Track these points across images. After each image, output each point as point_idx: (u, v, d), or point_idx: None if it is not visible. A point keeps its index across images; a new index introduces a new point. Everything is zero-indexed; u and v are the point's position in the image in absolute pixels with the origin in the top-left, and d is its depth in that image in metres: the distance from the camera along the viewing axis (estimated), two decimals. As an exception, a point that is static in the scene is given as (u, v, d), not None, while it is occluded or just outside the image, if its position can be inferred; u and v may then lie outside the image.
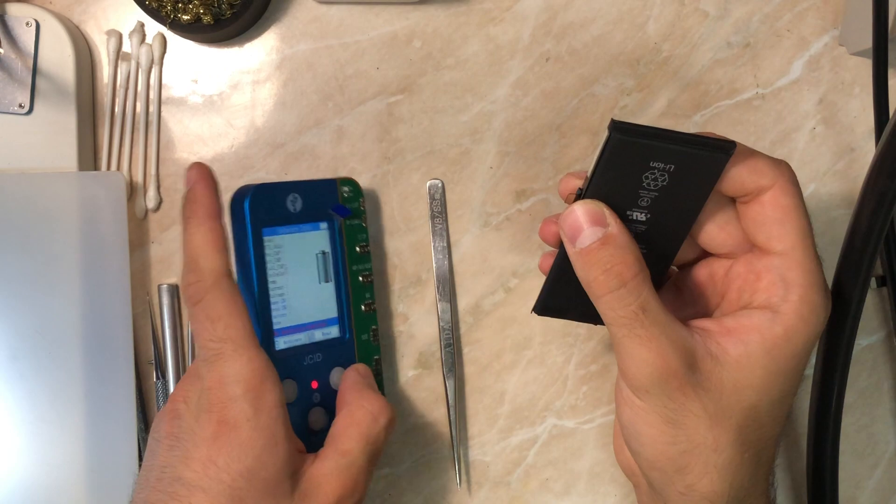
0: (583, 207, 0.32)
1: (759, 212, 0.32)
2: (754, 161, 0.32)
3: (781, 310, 0.32)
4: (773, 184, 0.32)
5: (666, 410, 0.32)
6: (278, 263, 0.43)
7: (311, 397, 0.43)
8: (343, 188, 0.46)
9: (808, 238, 0.32)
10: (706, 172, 0.31)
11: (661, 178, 0.31)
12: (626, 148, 0.30)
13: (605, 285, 0.31)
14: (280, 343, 0.43)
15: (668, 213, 0.32)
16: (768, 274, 0.32)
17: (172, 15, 0.46)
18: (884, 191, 0.34)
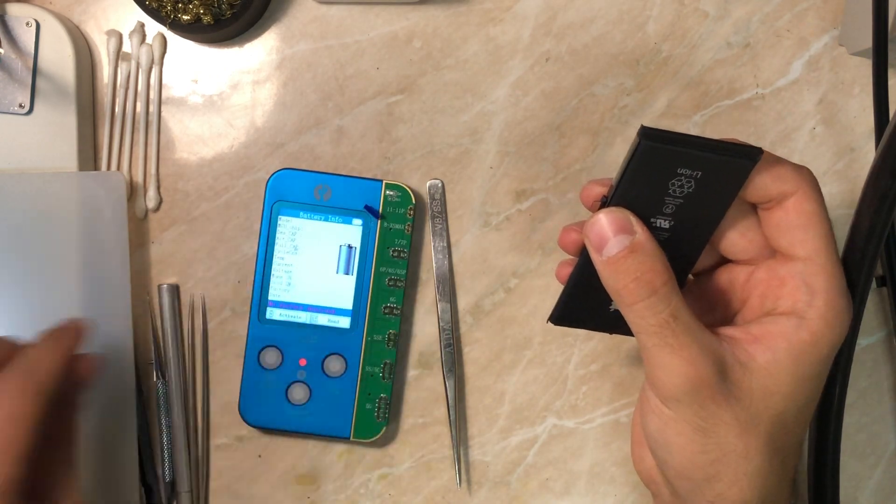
0: (609, 216, 0.32)
1: (782, 218, 0.32)
2: (778, 168, 0.32)
3: (807, 315, 0.32)
4: (797, 190, 0.32)
5: (697, 419, 0.31)
6: (291, 243, 0.47)
7: (296, 372, 0.47)
8: (388, 192, 0.47)
9: (831, 243, 0.32)
10: (731, 179, 0.31)
11: (688, 185, 0.31)
12: (655, 155, 0.30)
13: (635, 294, 0.31)
14: (273, 313, 0.47)
15: (692, 220, 0.32)
16: (792, 280, 0.32)
17: (172, 15, 0.46)
18: (884, 191, 0.34)
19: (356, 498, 0.50)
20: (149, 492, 0.48)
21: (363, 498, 0.50)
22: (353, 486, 0.50)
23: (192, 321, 0.49)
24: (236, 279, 0.49)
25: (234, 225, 0.49)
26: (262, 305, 0.47)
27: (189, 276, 0.50)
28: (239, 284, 0.49)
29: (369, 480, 0.50)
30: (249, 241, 0.49)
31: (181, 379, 0.49)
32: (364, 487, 0.50)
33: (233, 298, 0.49)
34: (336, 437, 0.48)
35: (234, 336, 0.49)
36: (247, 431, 0.49)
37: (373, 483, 0.50)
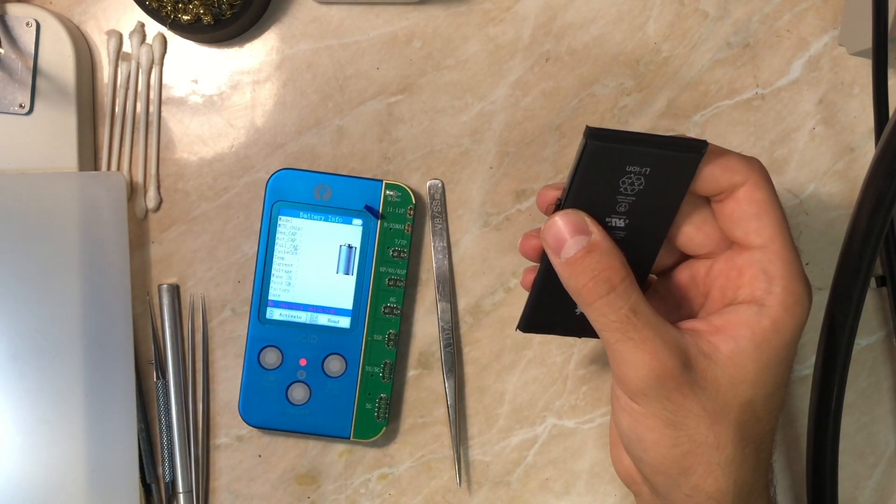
0: (564, 218, 0.32)
1: (734, 208, 0.32)
2: (726, 159, 0.32)
3: (767, 302, 0.32)
4: (746, 180, 0.32)
5: (665, 412, 0.32)
6: (291, 243, 0.47)
7: (296, 372, 0.47)
8: (388, 192, 0.47)
9: (785, 230, 0.32)
10: (681, 173, 0.32)
11: (638, 182, 0.31)
12: (603, 154, 0.31)
13: (594, 292, 0.32)
14: (273, 313, 0.47)
15: (646, 218, 0.33)
16: (750, 268, 0.32)
17: (172, 15, 0.46)
18: (883, 191, 0.35)
19: (356, 498, 0.50)
20: (148, 492, 0.48)
21: (363, 498, 0.50)
22: (353, 486, 0.50)
23: (192, 321, 0.49)
24: (236, 279, 0.49)
25: (234, 225, 0.50)
26: (262, 305, 0.47)
27: (189, 276, 0.50)
28: (239, 284, 0.49)
29: (369, 480, 0.50)
30: (249, 241, 0.49)
31: (181, 379, 0.49)
32: (364, 487, 0.50)
33: (233, 298, 0.49)
34: (336, 437, 0.48)
35: (234, 336, 0.49)
36: (247, 431, 0.49)
37: (373, 483, 0.50)
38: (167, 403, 0.48)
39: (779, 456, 0.50)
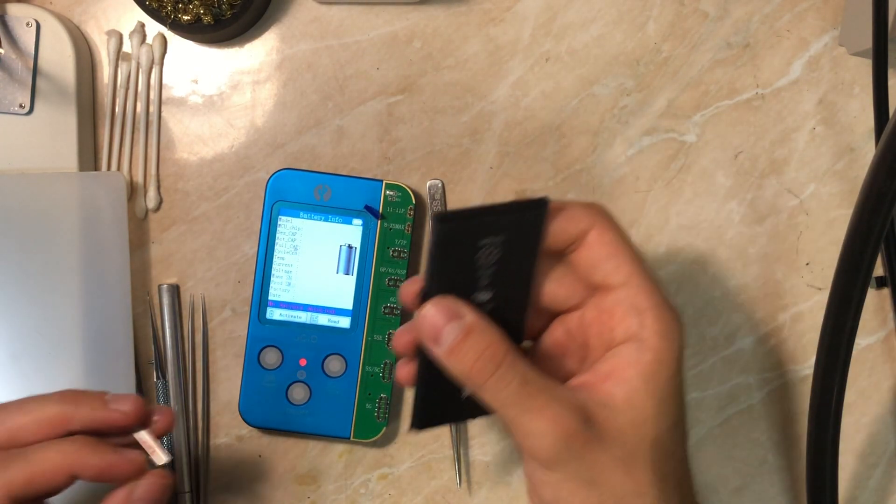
0: (435, 307, 0.32)
1: (588, 254, 0.33)
2: (569, 209, 0.33)
3: (643, 336, 0.32)
4: (592, 224, 0.33)
5: (582, 473, 0.31)
6: (291, 244, 0.47)
7: (296, 372, 0.47)
8: (388, 192, 0.47)
9: (641, 263, 0.33)
10: (531, 234, 0.32)
11: (495, 253, 0.31)
12: (455, 234, 0.30)
13: (482, 373, 0.31)
14: (273, 313, 0.48)
15: (509, 285, 0.33)
16: (618, 308, 0.32)
17: (172, 15, 0.46)
18: (883, 191, 0.35)
19: (356, 498, 0.50)
20: (149, 492, 0.48)
21: (363, 498, 0.50)
22: (353, 486, 0.50)
23: (192, 321, 0.49)
24: (236, 279, 0.49)
25: (234, 225, 0.50)
26: (263, 305, 0.47)
27: (189, 276, 0.50)
28: (239, 284, 0.49)
29: (369, 480, 0.50)
30: (249, 241, 0.49)
31: (181, 379, 0.49)
32: (364, 487, 0.50)
33: (233, 298, 0.49)
34: (336, 437, 0.48)
35: (234, 336, 0.49)
36: (247, 431, 0.49)
37: (373, 483, 0.50)
38: (167, 403, 0.48)
39: (779, 456, 0.50)
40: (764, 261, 0.50)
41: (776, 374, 0.50)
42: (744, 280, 0.50)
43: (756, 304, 0.50)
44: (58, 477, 0.31)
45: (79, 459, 0.31)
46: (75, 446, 0.32)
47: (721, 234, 0.50)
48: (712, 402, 0.50)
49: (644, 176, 0.50)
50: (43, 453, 0.31)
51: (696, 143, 0.50)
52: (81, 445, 0.32)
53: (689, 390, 0.50)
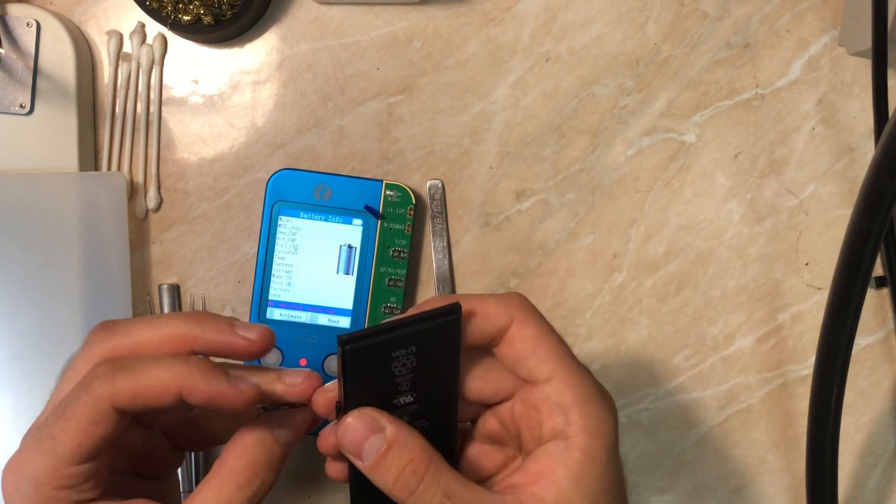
0: (354, 422, 0.31)
1: (509, 351, 0.32)
2: (484, 307, 0.32)
3: (570, 434, 0.31)
4: (510, 320, 0.32)
5: None
6: (292, 243, 0.47)
7: None
8: (388, 192, 0.47)
9: (565, 355, 0.32)
10: (446, 338, 0.31)
11: (410, 361, 0.31)
12: (362, 353, 0.30)
13: (405, 488, 0.31)
14: (273, 313, 0.48)
15: (432, 386, 0.32)
16: (544, 404, 0.32)
17: (173, 15, 0.46)
18: (883, 191, 0.35)
19: (356, 497, 0.50)
20: (149, 491, 0.48)
21: (363, 497, 0.50)
22: (353, 485, 0.50)
23: (192, 321, 0.49)
24: (236, 279, 0.50)
25: (234, 225, 0.50)
26: (263, 305, 0.47)
27: (189, 276, 0.50)
28: (239, 284, 0.49)
29: (369, 480, 0.50)
30: (250, 241, 0.49)
31: (181, 379, 0.49)
32: (364, 487, 0.50)
33: (233, 298, 0.50)
34: (336, 436, 0.48)
35: (235, 336, 0.49)
36: (247, 431, 0.49)
37: (373, 483, 0.50)
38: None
39: (778, 456, 0.50)
40: (763, 261, 0.50)
41: (775, 374, 0.50)
42: (743, 280, 0.50)
43: (756, 304, 0.50)
44: (164, 395, 0.30)
45: (188, 381, 0.30)
46: (188, 368, 0.30)
47: (721, 234, 0.50)
48: (712, 402, 0.50)
49: (644, 176, 0.50)
50: (153, 369, 0.30)
51: (695, 143, 0.50)
52: (194, 368, 0.30)
53: (690, 390, 0.50)
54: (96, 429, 0.29)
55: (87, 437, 0.29)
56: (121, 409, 0.29)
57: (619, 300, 0.50)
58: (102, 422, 0.29)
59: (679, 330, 0.50)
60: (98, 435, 0.29)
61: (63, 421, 0.29)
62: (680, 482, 0.50)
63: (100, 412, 0.29)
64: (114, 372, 0.30)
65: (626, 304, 0.50)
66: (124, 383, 0.29)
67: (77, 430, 0.29)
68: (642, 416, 0.50)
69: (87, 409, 0.29)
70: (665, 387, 0.50)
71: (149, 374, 0.30)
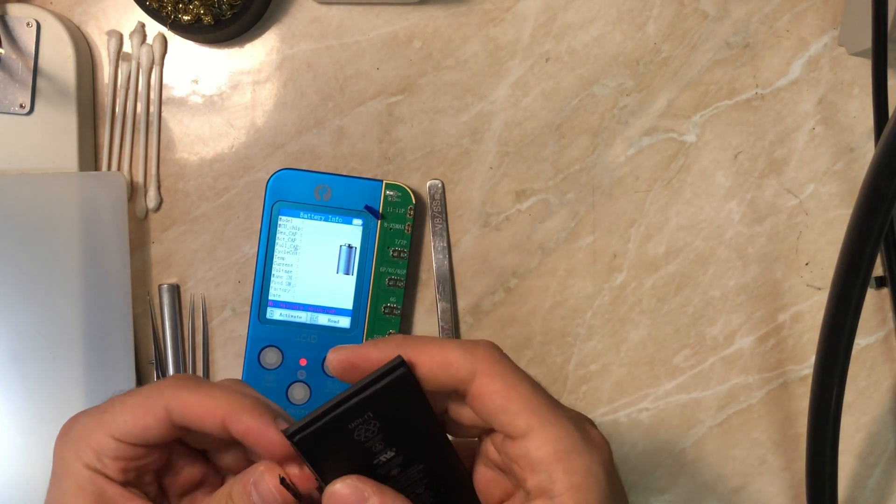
0: (336, 494, 0.29)
1: (479, 406, 0.29)
2: (442, 356, 0.29)
3: (555, 491, 0.28)
4: (473, 373, 0.29)
5: None
6: (292, 243, 0.47)
7: (296, 372, 0.48)
8: (388, 192, 0.47)
9: (539, 407, 0.29)
10: (403, 391, 0.29)
11: (372, 426, 0.29)
12: (315, 439, 0.28)
13: None
14: (273, 313, 0.48)
15: (411, 434, 0.30)
16: (524, 461, 0.29)
17: (173, 15, 0.46)
18: (883, 191, 0.35)
19: (356, 497, 0.50)
20: (149, 491, 0.48)
21: (363, 497, 0.50)
22: (353, 485, 0.50)
23: (192, 321, 0.49)
24: (236, 279, 0.50)
25: (234, 225, 0.50)
26: (263, 305, 0.47)
27: (189, 276, 0.50)
28: (239, 284, 0.49)
29: (369, 480, 0.50)
30: (250, 241, 0.49)
31: (181, 379, 0.49)
32: (364, 487, 0.50)
33: (233, 298, 0.50)
34: (336, 436, 0.48)
35: (235, 336, 0.49)
36: (247, 431, 0.49)
37: (373, 483, 0.50)
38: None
39: (778, 455, 0.50)
40: (763, 260, 0.50)
41: (775, 374, 0.50)
42: (743, 280, 0.50)
43: (756, 304, 0.50)
44: (206, 418, 0.29)
45: (234, 411, 0.29)
46: (241, 399, 0.30)
47: (721, 234, 0.50)
48: (712, 401, 0.50)
49: (644, 176, 0.50)
50: (211, 389, 0.30)
51: (695, 143, 0.50)
52: (248, 401, 0.30)
53: (690, 390, 0.50)
54: (144, 416, 0.30)
55: (134, 419, 0.30)
56: (172, 416, 0.30)
57: (619, 300, 0.50)
58: (151, 416, 0.30)
59: (679, 330, 0.50)
60: (143, 424, 0.30)
61: (124, 397, 0.30)
62: (680, 482, 0.50)
63: (153, 408, 0.30)
64: (180, 381, 0.30)
65: (626, 304, 0.50)
66: (184, 395, 0.30)
67: (127, 409, 0.30)
68: (642, 416, 0.50)
69: (144, 398, 0.30)
70: (665, 387, 0.50)
71: (204, 393, 0.30)
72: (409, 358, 0.28)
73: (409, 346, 0.29)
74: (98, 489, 0.30)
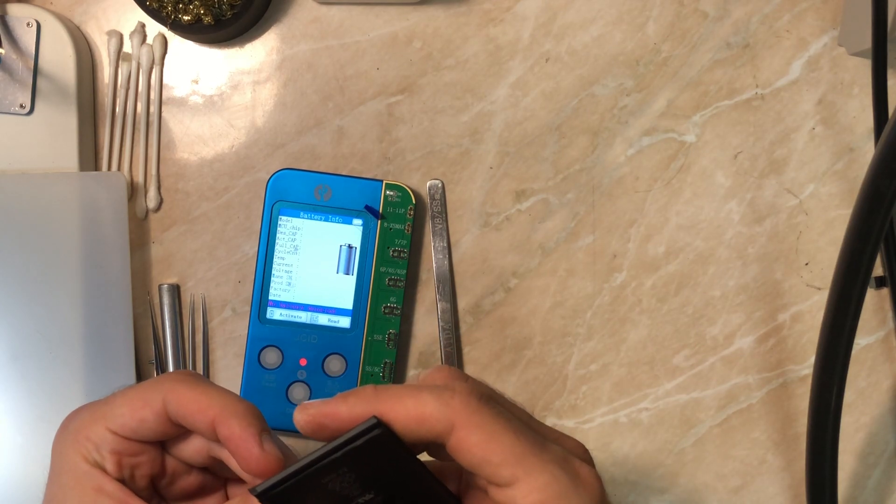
0: None
1: (460, 458, 0.27)
2: (418, 410, 0.27)
3: None
4: (451, 425, 0.27)
5: None
6: (292, 243, 0.47)
7: (296, 372, 0.47)
8: (388, 192, 0.47)
9: (525, 454, 0.27)
10: (381, 448, 0.27)
11: (348, 477, 0.28)
12: (287, 494, 0.28)
13: None
14: (274, 313, 0.48)
15: (391, 478, 0.29)
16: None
17: (173, 15, 0.46)
18: (883, 191, 0.35)
19: (356, 497, 0.50)
20: (149, 491, 0.48)
21: (363, 497, 0.50)
22: (354, 485, 0.50)
23: (192, 321, 0.49)
24: (237, 279, 0.50)
25: (234, 225, 0.50)
26: (263, 305, 0.47)
27: (189, 276, 0.50)
28: (239, 284, 0.49)
29: (369, 480, 0.50)
30: (250, 241, 0.49)
31: (181, 379, 0.49)
32: (364, 487, 0.50)
33: (233, 298, 0.50)
34: (336, 436, 0.48)
35: (235, 336, 0.49)
36: (247, 431, 0.49)
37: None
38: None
39: (778, 455, 0.50)
40: (763, 260, 0.50)
41: (775, 374, 0.50)
42: (743, 280, 0.50)
43: (755, 304, 0.50)
44: (198, 416, 0.29)
45: (223, 412, 0.29)
46: (235, 403, 0.29)
47: (720, 234, 0.50)
48: (712, 401, 0.50)
49: (644, 176, 0.50)
50: (208, 388, 0.29)
51: (695, 143, 0.50)
52: (242, 406, 0.29)
53: (690, 390, 0.50)
54: (142, 409, 0.29)
55: (132, 411, 0.29)
56: (168, 409, 0.29)
57: (619, 300, 0.50)
58: (149, 408, 0.29)
59: (679, 330, 0.50)
60: (139, 416, 0.29)
61: (124, 390, 0.30)
62: (680, 482, 0.50)
63: (151, 401, 0.29)
64: (180, 376, 0.30)
65: (626, 303, 0.50)
66: (182, 389, 0.29)
67: (126, 401, 0.30)
68: (642, 416, 0.50)
69: (144, 390, 0.30)
70: (665, 387, 0.50)
71: (201, 391, 0.29)
72: (381, 413, 0.27)
73: (382, 401, 0.27)
74: (97, 484, 0.29)
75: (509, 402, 0.29)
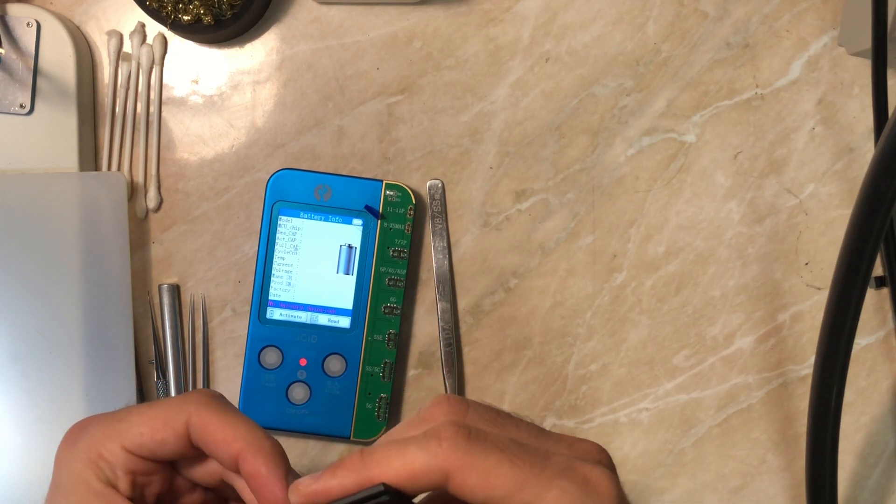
0: None
1: (469, 500, 0.26)
2: (407, 470, 0.26)
3: None
4: (446, 473, 0.26)
5: None
6: (291, 243, 0.47)
7: (296, 372, 0.47)
8: (388, 192, 0.47)
9: (527, 483, 0.26)
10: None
11: None
12: None
13: None
14: (274, 313, 0.48)
15: None
16: None
17: (173, 15, 0.46)
18: (883, 191, 0.35)
19: (356, 497, 0.50)
20: (149, 491, 0.48)
21: (363, 497, 0.50)
22: (354, 485, 0.50)
23: (192, 321, 0.49)
24: (237, 279, 0.50)
25: (234, 225, 0.50)
26: (263, 305, 0.47)
27: (189, 276, 0.50)
28: (239, 284, 0.49)
29: (369, 480, 0.50)
30: (250, 241, 0.49)
31: (181, 379, 0.49)
32: (364, 487, 0.50)
33: (233, 298, 0.50)
34: (336, 436, 0.48)
35: (235, 336, 0.49)
36: (247, 431, 0.49)
37: (373, 483, 0.50)
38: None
39: (778, 455, 0.50)
40: (763, 260, 0.50)
41: (775, 374, 0.50)
42: (743, 280, 0.50)
43: (755, 304, 0.50)
44: (223, 446, 0.29)
45: (248, 448, 0.29)
46: (263, 438, 0.29)
47: (720, 234, 0.50)
48: (712, 401, 0.50)
49: (644, 176, 0.50)
50: (233, 417, 0.29)
51: (695, 143, 0.50)
52: (267, 442, 0.29)
53: (690, 390, 0.50)
54: (163, 430, 0.29)
55: (152, 432, 0.29)
56: (190, 431, 0.29)
57: (619, 300, 0.50)
58: (170, 430, 0.29)
59: (679, 330, 0.50)
60: (160, 438, 0.29)
61: (142, 407, 0.29)
62: (680, 482, 0.50)
63: (173, 422, 0.29)
64: (206, 398, 0.29)
65: (626, 303, 0.50)
66: (208, 415, 0.29)
67: (145, 420, 0.29)
68: (642, 416, 0.50)
69: (165, 410, 0.29)
70: (665, 387, 0.50)
71: (227, 420, 0.29)
72: (372, 480, 0.26)
73: (370, 468, 0.26)
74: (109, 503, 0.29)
75: (506, 419, 0.29)
